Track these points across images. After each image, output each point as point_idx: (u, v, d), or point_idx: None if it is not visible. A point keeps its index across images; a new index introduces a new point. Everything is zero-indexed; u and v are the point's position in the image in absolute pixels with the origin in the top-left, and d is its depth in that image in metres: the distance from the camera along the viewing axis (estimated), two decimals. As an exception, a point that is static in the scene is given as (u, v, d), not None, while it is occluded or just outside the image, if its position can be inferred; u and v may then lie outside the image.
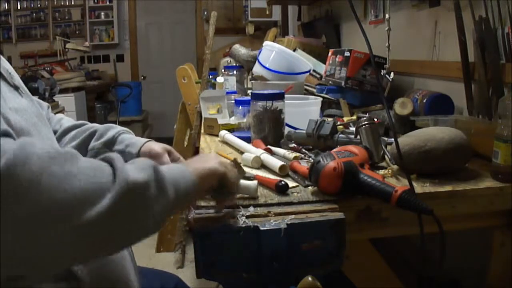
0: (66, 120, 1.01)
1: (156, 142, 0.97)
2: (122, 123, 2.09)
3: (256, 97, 1.19)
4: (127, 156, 0.92)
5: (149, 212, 0.55)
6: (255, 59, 1.94)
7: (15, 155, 0.46)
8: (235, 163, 0.79)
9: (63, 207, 0.48)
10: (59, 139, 0.94)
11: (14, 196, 0.45)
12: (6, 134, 0.53)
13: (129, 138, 0.96)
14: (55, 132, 0.93)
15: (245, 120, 1.41)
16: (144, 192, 0.54)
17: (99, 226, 0.50)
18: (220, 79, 2.07)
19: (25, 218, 0.46)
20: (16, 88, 0.74)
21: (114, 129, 0.97)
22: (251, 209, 0.76)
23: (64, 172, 0.49)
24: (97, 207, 0.50)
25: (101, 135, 0.95)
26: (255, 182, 0.82)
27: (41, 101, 0.93)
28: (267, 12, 3.94)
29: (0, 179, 0.44)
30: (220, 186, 0.71)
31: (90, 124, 1.00)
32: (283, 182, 0.84)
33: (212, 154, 0.77)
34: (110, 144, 0.94)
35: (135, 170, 0.55)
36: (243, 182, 0.83)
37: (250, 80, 2.09)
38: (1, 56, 0.73)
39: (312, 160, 0.98)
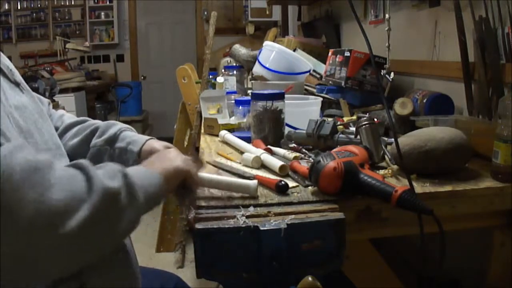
0: (68, 117, 1.01)
1: (158, 140, 0.97)
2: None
3: (256, 97, 1.19)
4: (128, 153, 0.92)
5: (123, 218, 0.58)
6: (255, 59, 1.93)
7: None
8: (194, 155, 0.80)
9: (46, 218, 0.49)
10: (61, 136, 0.94)
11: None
12: None
13: (131, 136, 0.95)
14: (56, 129, 0.93)
15: (245, 120, 1.41)
16: (117, 199, 0.57)
17: (80, 235, 0.52)
18: (220, 79, 2.07)
19: (11, 230, 0.47)
20: (17, 84, 0.74)
21: (116, 126, 0.96)
22: (251, 209, 0.76)
23: (43, 182, 0.50)
24: (76, 216, 0.51)
25: (103, 132, 0.95)
26: (255, 182, 0.82)
27: (41, 97, 0.92)
28: (267, 12, 3.94)
29: None
30: (182, 184, 0.73)
31: (92, 121, 1.00)
32: (283, 182, 0.84)
33: (173, 151, 0.79)
34: (111, 142, 0.94)
35: (107, 177, 0.57)
36: (243, 181, 0.83)
37: (250, 80, 2.09)
38: (1, 53, 0.73)
39: (312, 160, 0.98)
